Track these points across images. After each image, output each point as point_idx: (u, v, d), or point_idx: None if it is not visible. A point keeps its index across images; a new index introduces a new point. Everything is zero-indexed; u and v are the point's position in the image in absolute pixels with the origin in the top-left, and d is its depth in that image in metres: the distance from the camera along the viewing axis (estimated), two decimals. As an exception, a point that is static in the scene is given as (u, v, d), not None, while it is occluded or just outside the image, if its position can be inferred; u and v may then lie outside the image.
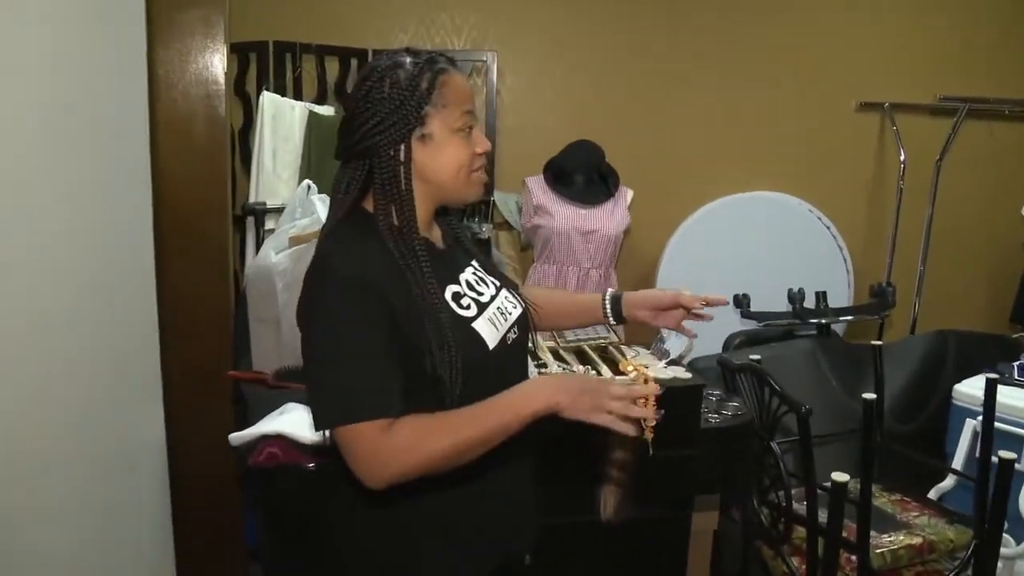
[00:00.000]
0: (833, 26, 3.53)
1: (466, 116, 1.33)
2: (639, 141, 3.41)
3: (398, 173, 1.29)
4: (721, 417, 2.05)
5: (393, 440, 1.20)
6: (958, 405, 2.63)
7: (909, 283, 3.65)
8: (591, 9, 3.35)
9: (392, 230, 1.29)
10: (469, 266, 1.43)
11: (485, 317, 1.35)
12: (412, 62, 1.30)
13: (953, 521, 2.30)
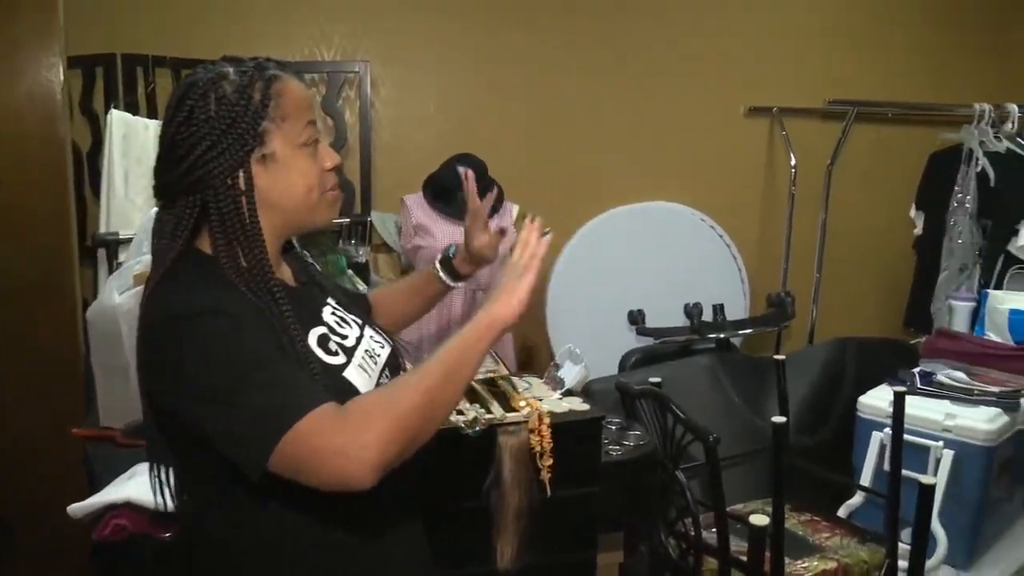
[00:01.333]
0: (720, 32, 3.51)
1: (310, 128, 1.19)
2: (523, 154, 3.31)
3: (240, 205, 1.13)
4: (623, 448, 1.96)
5: (353, 416, 1.03)
6: (863, 417, 2.60)
7: (805, 291, 3.65)
8: (470, 17, 3.24)
9: (241, 273, 1.12)
10: (327, 304, 1.29)
11: (355, 363, 1.21)
12: (237, 71, 1.14)
13: (865, 540, 2.26)
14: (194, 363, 1.05)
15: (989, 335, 2.95)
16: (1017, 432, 2.57)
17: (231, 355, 1.05)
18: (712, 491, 1.95)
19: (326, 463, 1.01)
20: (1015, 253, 3.29)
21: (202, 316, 1.06)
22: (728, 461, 2.45)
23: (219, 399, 1.05)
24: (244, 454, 1.05)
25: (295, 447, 1.01)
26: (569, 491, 1.75)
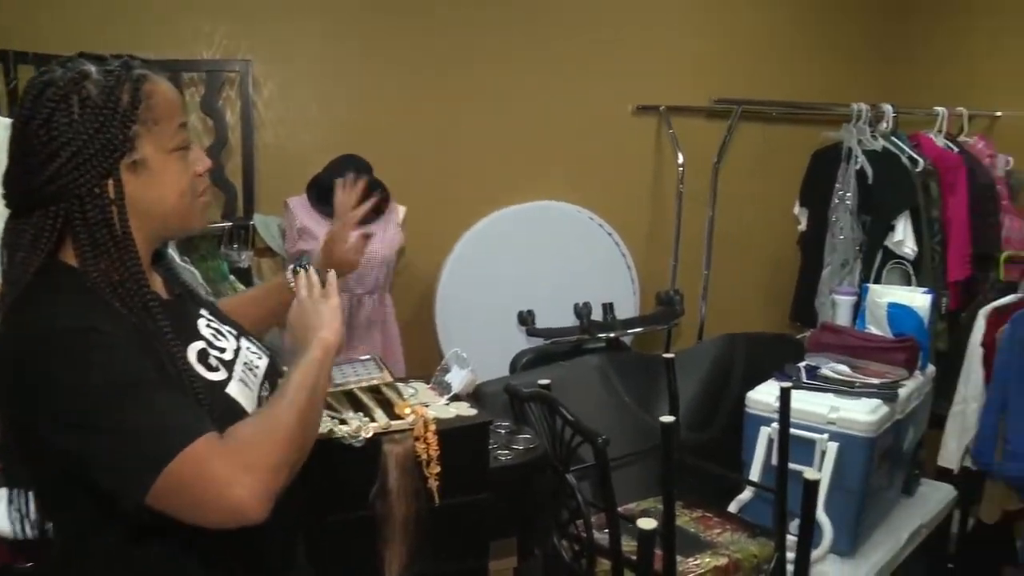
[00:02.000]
0: (607, 31, 3.53)
1: (182, 132, 1.13)
2: (410, 154, 3.27)
3: (109, 214, 1.07)
4: (512, 453, 1.94)
5: (240, 445, 0.99)
6: (751, 413, 2.65)
7: (694, 288, 3.70)
8: (353, 15, 3.18)
9: (113, 287, 1.06)
10: (201, 316, 1.23)
11: (236, 378, 1.16)
12: (102, 70, 1.08)
13: (756, 535, 2.30)
14: (65, 386, 0.98)
15: (870, 328, 3.03)
16: (896, 422, 2.66)
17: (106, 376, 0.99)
18: (602, 493, 1.95)
19: (217, 496, 0.97)
20: (892, 248, 3.40)
21: (72, 334, 1.00)
22: (619, 461, 2.47)
23: (94, 424, 0.98)
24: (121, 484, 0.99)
25: (181, 477, 0.96)
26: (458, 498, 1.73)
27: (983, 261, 3.55)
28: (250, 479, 0.97)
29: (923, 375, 2.91)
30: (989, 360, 3.23)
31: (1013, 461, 3.09)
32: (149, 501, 0.97)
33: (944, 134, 3.66)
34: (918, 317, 2.93)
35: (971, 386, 3.26)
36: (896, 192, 3.39)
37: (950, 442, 3.31)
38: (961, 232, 3.46)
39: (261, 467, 0.98)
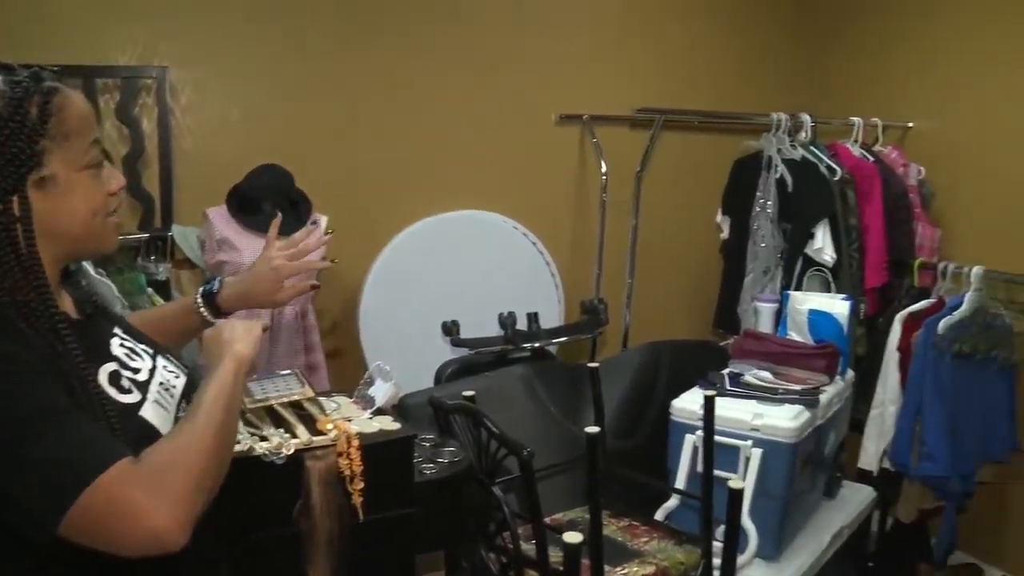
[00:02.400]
0: (530, 41, 3.54)
1: (93, 148, 1.09)
2: (333, 163, 3.24)
3: (14, 233, 1.02)
4: (437, 466, 1.92)
5: (156, 471, 0.96)
6: (676, 421, 2.67)
7: (618, 297, 3.73)
8: (274, 20, 3.13)
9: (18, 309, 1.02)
10: (114, 336, 1.19)
11: (151, 400, 1.13)
12: (8, 81, 1.03)
13: (682, 542, 2.32)
14: None
15: (791, 335, 3.09)
16: (817, 427, 2.70)
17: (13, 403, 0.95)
18: (529, 505, 1.95)
19: (134, 525, 0.93)
20: (812, 256, 3.46)
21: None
22: (545, 471, 2.47)
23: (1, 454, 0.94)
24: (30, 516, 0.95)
25: (94, 508, 0.92)
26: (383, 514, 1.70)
27: (898, 267, 3.64)
28: (167, 506, 0.94)
29: (843, 380, 2.97)
30: (905, 364, 3.32)
31: (928, 461, 3.18)
32: (62, 533, 0.94)
33: (860, 144, 3.75)
34: (838, 323, 2.99)
35: (888, 390, 3.35)
36: (815, 200, 3.46)
37: (869, 445, 3.39)
38: (877, 239, 3.54)
39: (178, 492, 0.96)
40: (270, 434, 1.60)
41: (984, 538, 3.79)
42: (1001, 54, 3.67)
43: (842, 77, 4.33)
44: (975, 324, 3.27)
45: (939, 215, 3.89)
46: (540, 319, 3.21)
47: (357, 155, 3.30)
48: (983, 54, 3.74)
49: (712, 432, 2.32)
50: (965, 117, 3.83)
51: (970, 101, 3.81)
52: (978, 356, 3.26)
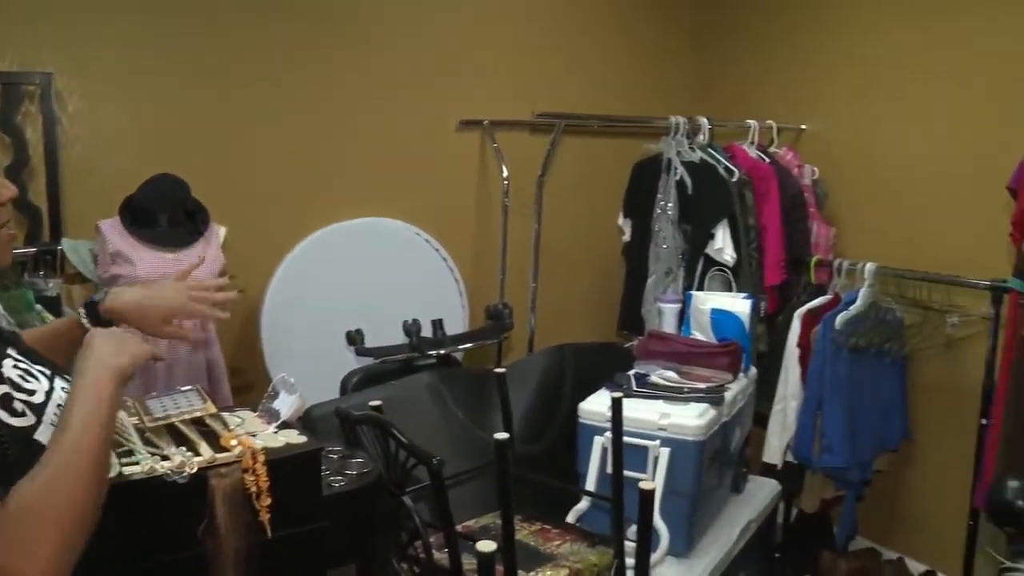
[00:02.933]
0: (430, 46, 3.53)
1: None
2: (230, 172, 3.17)
3: None
4: (346, 479, 1.89)
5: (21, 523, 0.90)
6: (584, 423, 2.68)
7: (523, 301, 3.74)
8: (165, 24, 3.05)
9: None
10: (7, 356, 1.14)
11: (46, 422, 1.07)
12: None
13: (595, 544, 2.33)
14: None
15: (695, 334, 3.14)
16: (723, 424, 2.75)
17: None
18: (440, 513, 1.94)
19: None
20: (713, 256, 3.53)
21: None
22: (456, 479, 2.46)
23: None
24: None
25: None
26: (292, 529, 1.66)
27: (795, 266, 3.73)
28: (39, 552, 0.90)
29: (746, 377, 3.03)
30: (805, 360, 3.41)
31: (829, 453, 3.27)
32: None
33: (756, 146, 3.84)
34: (740, 322, 3.05)
35: (790, 385, 3.43)
36: (714, 201, 3.53)
37: (773, 439, 3.47)
38: (775, 239, 3.63)
39: (47, 552, 0.91)
40: (171, 453, 1.54)
41: (881, 523, 3.92)
42: (886, 59, 3.82)
43: (738, 80, 4.44)
44: (869, 319, 3.39)
45: (833, 214, 4.02)
46: (445, 325, 3.20)
47: (255, 164, 3.24)
48: (870, 59, 3.89)
49: (620, 433, 2.33)
50: (855, 119, 3.97)
51: (859, 104, 3.95)
52: (872, 349, 3.37)
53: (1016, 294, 2.95)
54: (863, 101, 3.93)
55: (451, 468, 2.17)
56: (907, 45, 3.75)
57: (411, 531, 2.06)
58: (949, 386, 3.65)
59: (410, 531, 2.07)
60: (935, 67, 3.66)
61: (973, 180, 3.54)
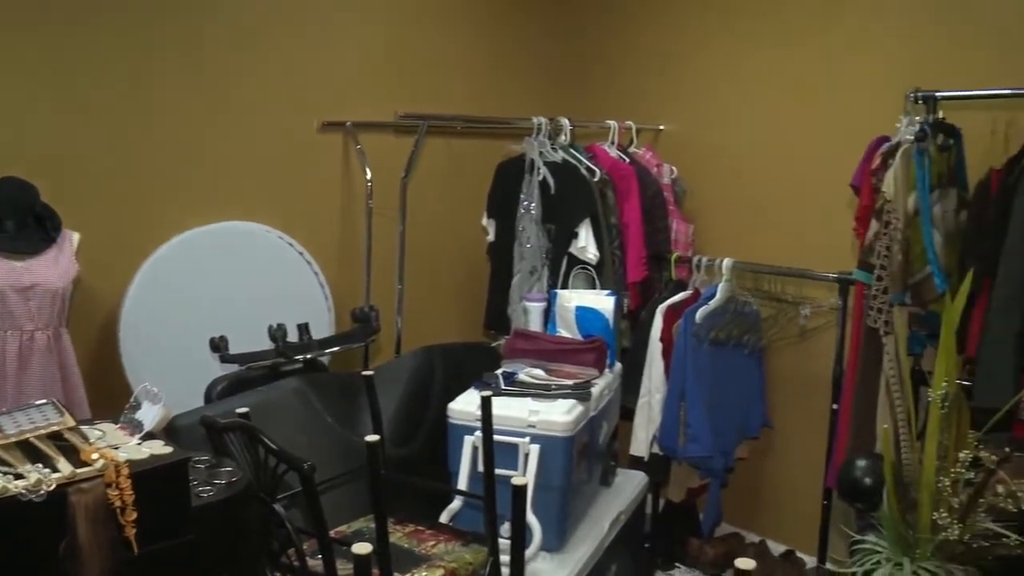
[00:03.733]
0: (289, 46, 3.46)
1: None
2: (82, 175, 3.03)
3: None
4: (214, 488, 1.85)
5: None
6: (454, 423, 2.70)
7: (389, 303, 3.73)
8: (9, 21, 2.90)
9: None
10: None
11: None
12: None
13: (468, 542, 2.36)
14: None
15: (561, 332, 3.19)
16: (591, 419, 2.81)
17: None
18: (312, 519, 1.92)
19: None
20: (576, 254, 3.59)
21: None
22: (327, 484, 2.43)
23: None
24: None
25: None
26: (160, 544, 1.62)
27: (657, 262, 3.84)
28: None
29: (611, 372, 3.10)
30: (667, 353, 3.51)
31: (693, 443, 3.38)
32: None
33: (616, 145, 3.92)
34: (604, 318, 3.12)
35: (654, 379, 3.52)
36: (577, 201, 3.59)
37: (639, 432, 3.56)
38: (636, 236, 3.72)
39: None
40: (27, 471, 1.48)
41: (744, 509, 4.09)
42: (737, 62, 3.99)
43: (598, 82, 4.54)
44: (728, 312, 3.52)
45: (692, 211, 4.15)
46: (311, 329, 3.16)
47: (109, 166, 3.11)
48: (722, 62, 4.05)
49: (490, 432, 2.35)
50: (710, 120, 4.12)
51: (713, 105, 4.10)
52: (732, 342, 3.50)
53: (861, 285, 3.11)
54: (717, 102, 4.09)
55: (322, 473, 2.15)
56: (757, 49, 3.92)
57: (283, 539, 2.04)
58: (803, 374, 3.83)
59: (282, 539, 2.04)
60: (783, 70, 3.84)
61: (820, 178, 3.72)
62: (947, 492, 2.10)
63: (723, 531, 4.00)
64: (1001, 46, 3.22)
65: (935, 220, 2.98)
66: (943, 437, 2.16)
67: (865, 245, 3.07)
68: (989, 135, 3.09)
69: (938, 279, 2.92)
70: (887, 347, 2.98)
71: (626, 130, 4.08)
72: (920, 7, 3.42)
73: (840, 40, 3.65)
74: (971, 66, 3.26)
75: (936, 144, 3.01)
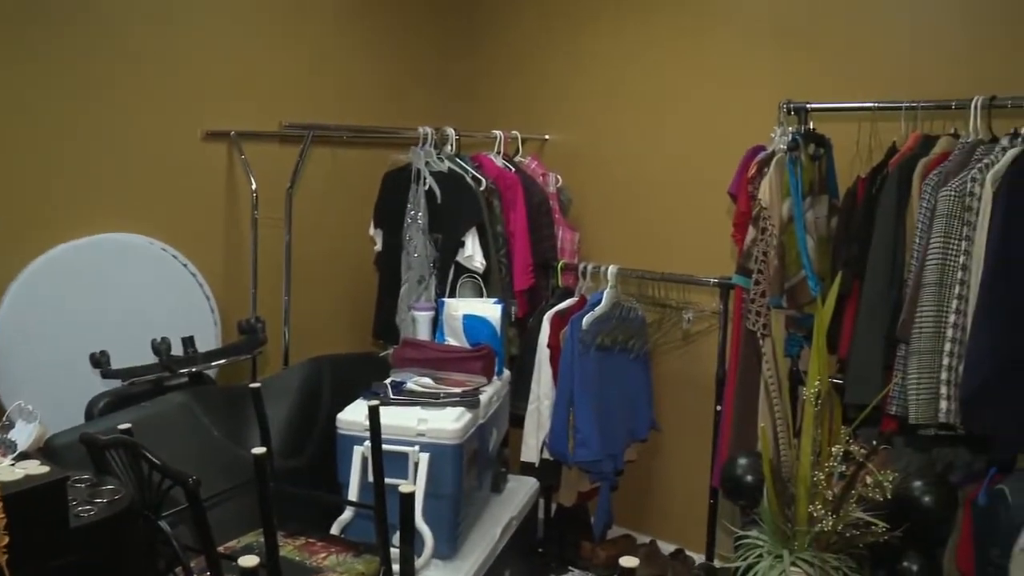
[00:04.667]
0: (171, 55, 3.39)
1: None
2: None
3: None
4: (95, 508, 1.80)
5: None
6: (343, 434, 2.69)
7: (276, 314, 3.68)
8: None
9: None
10: None
11: None
12: None
13: (360, 553, 2.35)
14: None
15: (449, 340, 3.21)
16: (480, 426, 2.84)
17: None
18: (199, 535, 1.89)
19: None
20: (463, 263, 3.61)
21: None
22: (215, 499, 2.40)
23: None
24: None
25: None
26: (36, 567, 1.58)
27: (543, 270, 3.89)
28: None
29: (500, 379, 3.14)
30: (555, 360, 3.56)
31: (583, 448, 3.43)
32: None
33: (502, 155, 3.97)
34: (491, 326, 3.15)
35: (542, 385, 3.57)
36: (463, 210, 3.61)
37: (529, 438, 3.60)
38: (523, 245, 3.76)
39: None
40: None
41: (634, 511, 4.17)
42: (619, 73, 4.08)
43: (484, 92, 4.58)
44: (613, 318, 3.59)
45: (577, 220, 4.23)
46: (196, 342, 3.10)
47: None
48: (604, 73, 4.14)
49: (379, 441, 2.36)
50: (594, 130, 4.21)
51: (597, 115, 4.19)
52: (618, 347, 3.57)
53: (740, 289, 3.22)
54: (601, 113, 4.18)
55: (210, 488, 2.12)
56: (638, 62, 4.02)
57: (170, 556, 2.00)
58: (688, 377, 3.94)
59: (169, 557, 2.00)
60: (664, 82, 3.95)
61: (700, 186, 3.84)
62: (822, 486, 2.19)
63: (614, 533, 4.08)
64: (866, 62, 3.39)
65: (808, 226, 3.11)
66: (817, 433, 2.25)
67: (743, 251, 3.18)
68: (855, 145, 3.24)
69: (812, 283, 3.05)
70: (765, 349, 3.10)
71: (512, 140, 4.13)
72: (791, 24, 3.57)
73: (717, 54, 3.78)
74: (839, 80, 3.42)
75: (808, 153, 3.14)
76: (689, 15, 3.86)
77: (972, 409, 2.58)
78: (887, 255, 2.85)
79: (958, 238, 2.62)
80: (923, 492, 2.52)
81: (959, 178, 2.65)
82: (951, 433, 2.68)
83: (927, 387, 2.64)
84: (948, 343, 2.62)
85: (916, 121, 3.03)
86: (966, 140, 2.82)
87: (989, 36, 3.14)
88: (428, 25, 4.49)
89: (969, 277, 2.61)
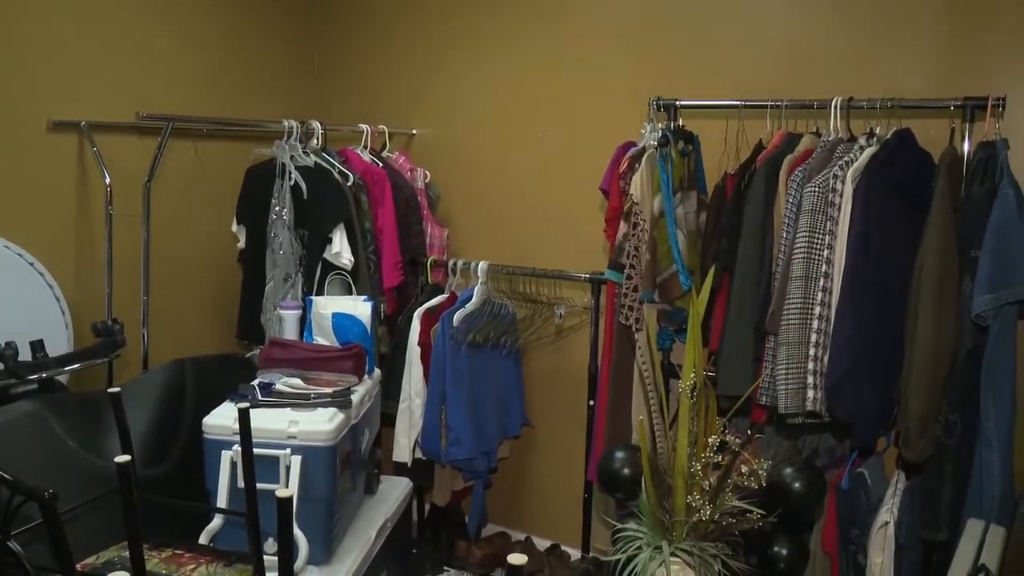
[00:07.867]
0: (11, 30, 3.19)
1: None
2: None
3: None
4: (-61, 527, 1.67)
5: None
6: (210, 438, 2.59)
7: (134, 315, 3.52)
8: None
9: None
10: None
11: None
12: None
13: (232, 562, 2.26)
14: None
15: (318, 339, 3.13)
16: (352, 427, 2.78)
17: None
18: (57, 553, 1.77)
19: None
20: (331, 260, 3.54)
21: None
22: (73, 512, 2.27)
23: None
24: None
25: None
26: None
27: (413, 267, 3.86)
28: None
29: (371, 378, 3.08)
30: (426, 357, 3.53)
31: (455, 446, 3.41)
32: None
33: (369, 150, 3.91)
34: (361, 324, 3.09)
35: (413, 383, 3.54)
36: (330, 206, 3.54)
37: (401, 438, 3.56)
38: (391, 241, 3.71)
39: None
40: None
41: (509, 508, 4.17)
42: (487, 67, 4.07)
43: (351, 85, 4.50)
44: (484, 315, 3.59)
45: (446, 215, 4.20)
46: (47, 347, 2.93)
47: None
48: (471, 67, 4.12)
49: (249, 445, 2.26)
50: (462, 125, 4.19)
51: (464, 110, 4.17)
52: (489, 344, 3.56)
53: (612, 284, 3.25)
54: (469, 108, 4.16)
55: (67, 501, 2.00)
56: (507, 57, 4.02)
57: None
58: (561, 372, 3.96)
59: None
60: (534, 78, 3.97)
61: (571, 182, 3.87)
62: (699, 476, 2.22)
63: (489, 531, 4.07)
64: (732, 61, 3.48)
65: (678, 221, 3.17)
66: (693, 425, 2.29)
67: (615, 246, 3.21)
68: (723, 142, 3.32)
69: (683, 277, 3.11)
70: (639, 343, 3.14)
71: (379, 134, 4.07)
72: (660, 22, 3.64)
73: (586, 49, 3.81)
74: (707, 78, 3.51)
75: (677, 149, 3.20)
76: (558, 11, 3.88)
77: (836, 397, 2.68)
78: (756, 250, 2.93)
79: (822, 232, 2.72)
80: (794, 479, 2.60)
81: (822, 175, 2.75)
82: (817, 421, 2.78)
83: (795, 377, 2.73)
84: (814, 334, 2.71)
85: (781, 119, 3.13)
86: (827, 139, 2.93)
87: (847, 40, 3.27)
88: (294, 16, 4.38)
89: (832, 270, 2.71)
